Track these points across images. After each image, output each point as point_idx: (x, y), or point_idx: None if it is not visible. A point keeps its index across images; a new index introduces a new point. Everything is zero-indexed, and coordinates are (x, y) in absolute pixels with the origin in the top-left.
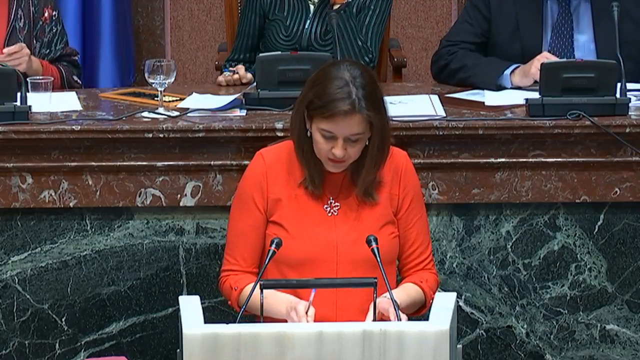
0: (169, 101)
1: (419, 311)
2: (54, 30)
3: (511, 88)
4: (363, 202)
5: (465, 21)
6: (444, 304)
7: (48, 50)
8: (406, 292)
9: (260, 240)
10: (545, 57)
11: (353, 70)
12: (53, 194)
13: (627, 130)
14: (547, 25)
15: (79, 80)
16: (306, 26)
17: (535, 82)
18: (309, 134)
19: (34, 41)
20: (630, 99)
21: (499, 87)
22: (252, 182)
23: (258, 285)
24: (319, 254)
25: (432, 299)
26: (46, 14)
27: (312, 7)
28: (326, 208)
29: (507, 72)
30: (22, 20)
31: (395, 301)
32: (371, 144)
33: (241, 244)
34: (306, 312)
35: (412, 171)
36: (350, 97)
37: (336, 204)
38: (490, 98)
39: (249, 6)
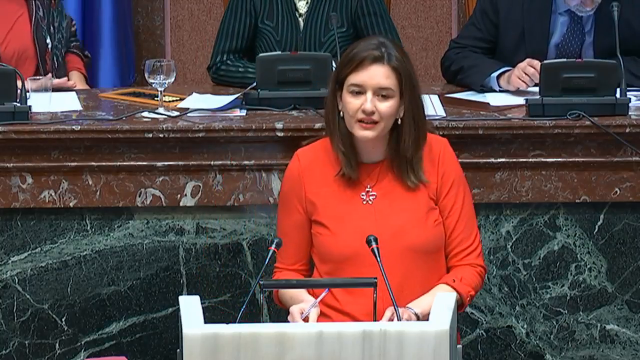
0: (169, 101)
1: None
2: (60, 16)
3: (500, 91)
4: (402, 191)
5: (474, 25)
6: (444, 304)
7: (60, 35)
8: (432, 296)
9: (303, 238)
10: (528, 64)
11: (386, 39)
12: (53, 194)
13: (627, 130)
14: (554, 36)
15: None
16: (299, 42)
17: (518, 88)
18: (341, 114)
19: (51, 28)
20: (630, 99)
21: (484, 89)
22: (289, 184)
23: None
24: (362, 249)
25: (471, 296)
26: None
27: (301, 20)
28: (362, 196)
29: (494, 74)
30: (41, 9)
31: (397, 309)
32: (406, 107)
33: (285, 243)
34: (301, 314)
35: (452, 157)
36: (380, 49)
37: (373, 192)
38: (494, 98)
39: (239, 5)
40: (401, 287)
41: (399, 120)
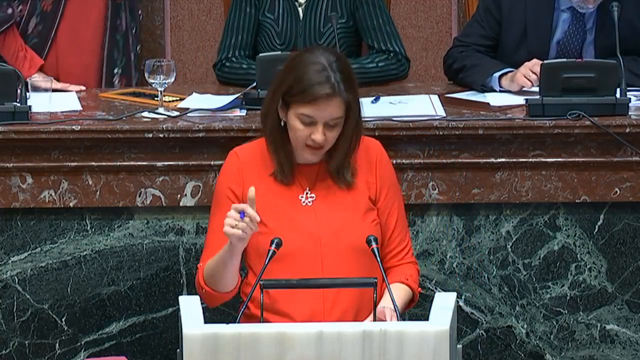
0: (169, 101)
1: (408, 306)
2: None
3: (500, 91)
4: (340, 192)
5: (477, 23)
6: (444, 304)
7: None
8: (397, 294)
9: None
10: (535, 64)
11: (328, 55)
12: (53, 194)
13: (627, 130)
14: (556, 33)
15: None
16: (299, 32)
17: (522, 88)
18: (282, 123)
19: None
20: (630, 99)
21: (485, 89)
22: (227, 178)
23: (258, 285)
24: (302, 247)
25: (419, 292)
26: None
27: (300, 10)
28: (301, 198)
29: (496, 74)
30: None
31: (396, 305)
32: (347, 127)
33: (217, 239)
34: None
35: (387, 159)
36: (330, 81)
37: (312, 194)
38: (494, 98)
39: (243, 0)
40: (341, 293)
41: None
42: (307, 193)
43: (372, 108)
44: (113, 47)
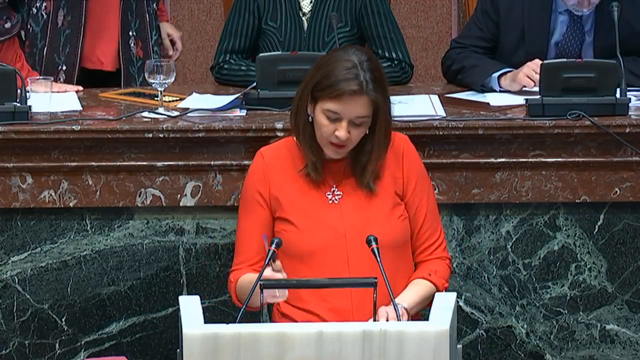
0: (169, 101)
1: (430, 303)
2: None
3: (500, 91)
4: (367, 188)
5: (475, 25)
6: (444, 304)
7: None
8: (415, 290)
9: (268, 236)
10: (537, 64)
11: (360, 55)
12: (53, 194)
13: (627, 130)
14: (554, 35)
15: None
16: (303, 42)
17: (523, 87)
18: (310, 119)
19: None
20: (630, 99)
21: (485, 89)
22: (253, 180)
23: (258, 285)
24: (328, 244)
25: (445, 288)
26: None
27: (305, 20)
28: (328, 195)
29: (496, 75)
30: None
31: (396, 306)
32: (377, 130)
33: (247, 242)
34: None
35: (414, 153)
36: (358, 78)
37: (339, 192)
38: (494, 98)
39: (243, 6)
40: (367, 291)
41: (367, 130)
42: (334, 190)
43: None
44: (127, 9)
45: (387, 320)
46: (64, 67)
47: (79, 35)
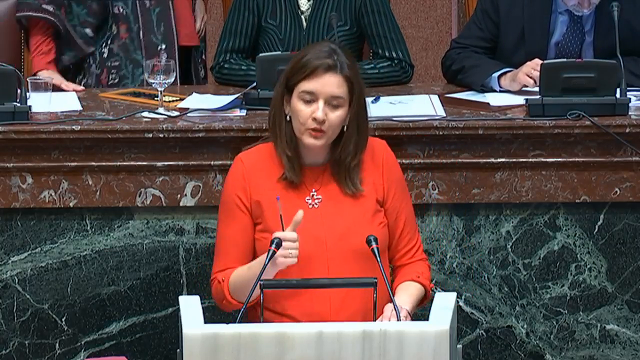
0: (169, 101)
1: (421, 303)
2: None
3: (500, 91)
4: (346, 195)
5: (475, 25)
6: (444, 304)
7: None
8: (408, 293)
9: (249, 242)
10: (536, 63)
11: (335, 46)
12: (53, 194)
13: (627, 130)
14: (554, 35)
15: None
16: (302, 40)
17: (524, 87)
18: (288, 118)
19: None
20: (630, 99)
21: (484, 89)
22: (234, 185)
23: (258, 285)
24: (309, 251)
25: (431, 287)
26: None
27: (303, 19)
28: (308, 200)
29: (496, 74)
30: None
31: (397, 307)
32: (351, 118)
33: (230, 249)
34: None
35: (393, 159)
36: (333, 57)
37: (318, 196)
38: (494, 98)
39: (243, 4)
40: (349, 296)
41: (345, 127)
42: (313, 195)
43: (372, 108)
44: None
45: (397, 318)
46: (163, 46)
47: (168, 11)
